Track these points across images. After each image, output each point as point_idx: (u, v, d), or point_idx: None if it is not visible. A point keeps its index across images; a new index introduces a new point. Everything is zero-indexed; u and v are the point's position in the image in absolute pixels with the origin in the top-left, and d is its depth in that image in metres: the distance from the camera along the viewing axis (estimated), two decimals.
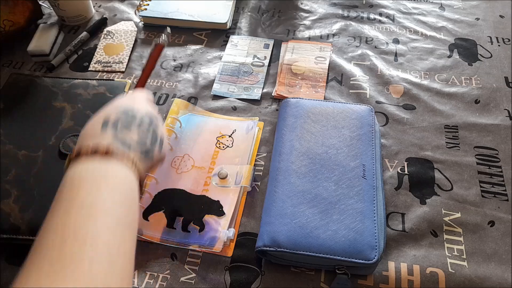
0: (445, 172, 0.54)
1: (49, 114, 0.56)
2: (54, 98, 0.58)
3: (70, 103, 0.57)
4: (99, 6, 0.83)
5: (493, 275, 0.45)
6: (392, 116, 0.60)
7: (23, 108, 0.57)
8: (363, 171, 0.48)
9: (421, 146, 0.57)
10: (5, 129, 0.54)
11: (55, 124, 0.55)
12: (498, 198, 0.51)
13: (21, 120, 0.56)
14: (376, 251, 0.42)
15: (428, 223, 0.49)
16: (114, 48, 0.73)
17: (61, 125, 0.55)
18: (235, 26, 0.77)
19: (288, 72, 0.67)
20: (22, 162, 0.51)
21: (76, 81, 0.61)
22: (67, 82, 0.61)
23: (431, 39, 0.72)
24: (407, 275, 0.45)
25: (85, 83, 0.60)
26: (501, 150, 0.56)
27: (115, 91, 0.60)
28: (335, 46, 0.72)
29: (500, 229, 0.48)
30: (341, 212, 0.45)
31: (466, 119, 0.59)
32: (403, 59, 0.69)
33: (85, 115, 0.55)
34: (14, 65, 0.71)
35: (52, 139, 0.53)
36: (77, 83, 0.60)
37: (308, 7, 0.80)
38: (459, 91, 0.63)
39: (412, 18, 0.77)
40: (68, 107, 0.57)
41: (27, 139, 0.53)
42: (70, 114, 0.56)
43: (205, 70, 0.69)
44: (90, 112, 0.55)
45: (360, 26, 0.76)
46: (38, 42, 0.71)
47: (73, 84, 0.60)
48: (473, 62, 0.68)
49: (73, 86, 0.60)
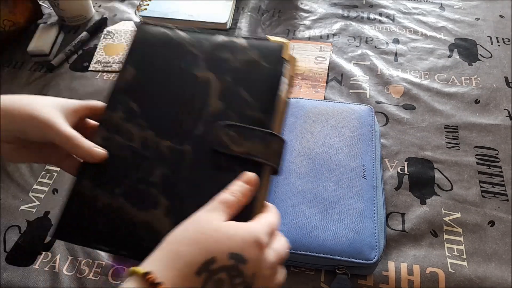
0: (445, 172, 0.54)
1: (191, 88, 0.39)
2: (195, 63, 0.40)
3: (216, 72, 0.39)
4: (99, 6, 0.83)
5: (493, 275, 0.45)
6: (392, 116, 0.60)
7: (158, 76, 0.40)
8: (363, 171, 0.48)
9: (421, 146, 0.57)
10: (142, 106, 0.38)
11: (199, 104, 0.38)
12: (498, 198, 0.51)
13: (159, 95, 0.39)
14: (376, 251, 0.42)
15: (428, 223, 0.49)
16: (114, 48, 0.73)
17: (208, 106, 0.37)
18: (235, 26, 0.77)
19: None
20: (167, 158, 0.36)
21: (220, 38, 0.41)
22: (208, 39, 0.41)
23: (431, 39, 0.72)
24: (407, 275, 0.45)
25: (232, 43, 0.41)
26: (501, 150, 0.56)
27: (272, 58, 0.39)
28: (335, 46, 0.72)
29: (500, 229, 0.48)
30: (341, 212, 0.45)
31: (466, 119, 0.59)
32: (403, 59, 0.69)
33: (238, 96, 0.37)
34: (14, 65, 0.71)
35: (200, 127, 0.36)
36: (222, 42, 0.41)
37: (308, 7, 0.80)
38: (459, 91, 0.63)
39: (412, 18, 0.77)
40: (213, 79, 0.39)
41: (169, 124, 0.37)
42: (218, 90, 0.38)
43: None
44: (244, 91, 0.37)
45: (360, 26, 0.76)
46: (38, 42, 0.71)
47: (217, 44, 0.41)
48: (473, 62, 0.68)
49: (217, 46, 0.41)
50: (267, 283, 0.30)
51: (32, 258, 0.47)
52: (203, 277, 0.27)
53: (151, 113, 0.38)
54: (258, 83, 0.38)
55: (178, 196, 0.34)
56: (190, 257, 0.27)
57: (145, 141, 0.37)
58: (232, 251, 0.28)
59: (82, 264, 0.47)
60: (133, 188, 0.35)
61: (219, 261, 0.28)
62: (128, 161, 0.36)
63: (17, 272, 0.46)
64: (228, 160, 0.35)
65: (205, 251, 0.28)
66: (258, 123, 0.36)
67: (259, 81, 0.38)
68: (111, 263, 0.47)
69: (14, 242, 0.49)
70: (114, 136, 0.37)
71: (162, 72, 0.40)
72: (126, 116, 0.38)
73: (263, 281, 0.29)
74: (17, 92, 0.66)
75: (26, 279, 0.46)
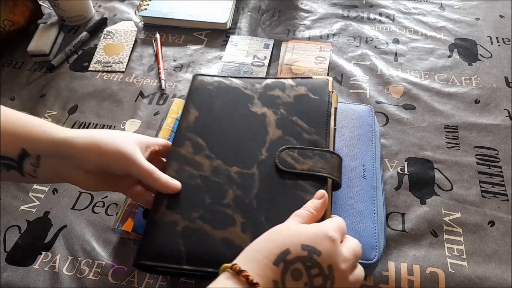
0: (445, 172, 0.54)
1: (250, 122, 0.45)
2: (251, 102, 0.47)
3: (271, 107, 0.46)
4: (99, 6, 0.83)
5: (493, 275, 0.45)
6: (392, 116, 0.60)
7: (219, 115, 0.46)
8: (363, 171, 0.48)
9: (421, 146, 0.57)
10: (208, 141, 0.44)
11: (260, 134, 0.44)
12: (498, 198, 0.51)
13: (221, 130, 0.45)
14: (376, 251, 0.42)
15: (428, 223, 0.49)
16: (114, 48, 0.73)
17: (268, 135, 0.44)
18: (235, 26, 0.77)
19: (288, 72, 0.67)
20: (237, 181, 0.41)
21: (269, 80, 0.49)
22: (259, 82, 0.49)
23: (431, 39, 0.72)
24: (407, 275, 0.45)
25: (280, 83, 0.49)
26: (501, 150, 0.56)
27: (318, 91, 0.47)
28: (335, 46, 0.72)
29: (500, 229, 0.48)
30: (341, 212, 0.45)
31: (466, 119, 0.59)
32: (403, 59, 0.69)
33: (292, 122, 0.44)
34: (14, 65, 0.71)
35: (264, 153, 0.42)
36: (271, 84, 0.49)
37: (308, 7, 0.80)
38: (459, 91, 0.63)
39: (412, 18, 0.77)
40: (269, 112, 0.46)
41: (234, 153, 0.43)
42: (275, 121, 0.45)
43: (205, 70, 0.69)
44: (298, 119, 0.44)
45: (360, 26, 0.76)
46: (38, 42, 0.71)
47: (267, 84, 0.49)
48: (473, 62, 0.68)
49: (268, 87, 0.49)
50: (345, 278, 0.32)
51: (32, 258, 0.47)
52: (281, 268, 0.30)
53: (216, 146, 0.44)
54: (310, 112, 0.45)
55: (251, 213, 0.39)
56: (267, 251, 0.31)
57: (215, 169, 0.42)
58: (304, 243, 0.31)
59: (82, 264, 0.47)
60: (209, 210, 0.39)
61: (293, 252, 0.30)
62: (201, 188, 0.41)
63: (17, 272, 0.46)
64: (292, 177, 0.40)
65: (280, 244, 0.31)
66: (315, 144, 0.42)
67: (311, 110, 0.45)
68: (111, 263, 0.47)
69: (14, 242, 0.49)
70: (185, 167, 0.42)
71: (223, 112, 0.46)
72: (194, 150, 0.43)
73: (340, 274, 0.31)
74: (17, 92, 0.66)
75: (26, 279, 0.46)
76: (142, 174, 0.39)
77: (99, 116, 0.63)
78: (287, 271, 0.30)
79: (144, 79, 0.68)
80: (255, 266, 0.30)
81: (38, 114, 0.63)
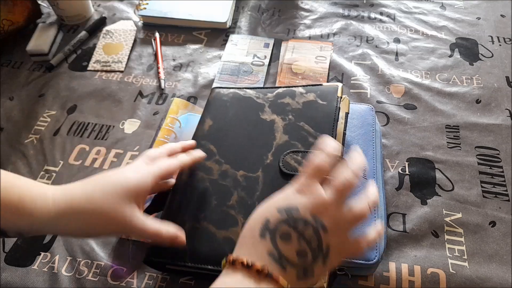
0: (446, 172, 0.54)
1: (260, 129, 0.48)
2: (261, 110, 0.50)
3: (280, 115, 0.48)
4: (98, 6, 0.82)
5: (494, 276, 0.44)
6: (393, 116, 0.60)
7: (231, 123, 0.50)
8: (364, 171, 0.48)
9: (422, 146, 0.56)
10: (219, 147, 0.47)
11: (268, 139, 0.46)
12: (499, 198, 0.51)
13: (232, 137, 0.48)
14: (376, 251, 0.42)
15: (429, 223, 0.49)
16: (113, 48, 0.73)
17: (275, 140, 0.46)
18: (235, 25, 0.77)
19: (288, 71, 0.66)
20: (242, 184, 0.43)
21: (281, 89, 0.51)
22: (271, 91, 0.52)
23: (432, 38, 0.72)
24: (408, 276, 0.45)
25: (291, 91, 0.51)
26: (502, 150, 0.55)
27: (327, 96, 0.49)
28: (336, 45, 0.72)
29: (501, 229, 0.48)
30: None
31: (467, 119, 0.59)
32: (404, 58, 0.69)
33: (299, 127, 0.46)
34: (13, 64, 0.71)
35: (269, 157, 0.45)
36: (282, 92, 0.51)
37: (308, 6, 0.80)
38: (460, 91, 0.63)
39: (413, 17, 0.77)
40: (278, 119, 0.48)
41: (242, 158, 0.46)
42: (282, 127, 0.47)
43: (204, 69, 0.69)
44: (305, 124, 0.46)
45: (361, 25, 0.75)
46: (37, 42, 0.71)
47: (278, 93, 0.51)
48: (474, 62, 0.68)
49: (278, 95, 0.51)
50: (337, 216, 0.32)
51: (31, 259, 0.47)
52: (268, 238, 0.30)
53: (226, 151, 0.46)
54: (317, 117, 0.46)
55: None
56: (251, 230, 0.32)
57: (223, 173, 0.45)
58: (278, 206, 0.32)
59: (81, 264, 0.46)
60: (214, 211, 0.42)
61: (272, 218, 0.31)
62: (209, 190, 0.44)
63: (16, 273, 0.46)
64: None
65: (259, 217, 0.32)
66: None
67: (318, 115, 0.46)
68: (110, 264, 0.46)
69: (13, 243, 0.49)
70: (197, 172, 0.45)
71: (235, 120, 0.50)
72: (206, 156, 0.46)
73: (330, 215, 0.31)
74: (16, 92, 0.66)
75: (25, 279, 0.46)
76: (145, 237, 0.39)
77: (98, 116, 0.62)
78: (275, 238, 0.30)
79: (143, 78, 0.68)
80: (247, 248, 0.31)
81: (37, 114, 0.63)
